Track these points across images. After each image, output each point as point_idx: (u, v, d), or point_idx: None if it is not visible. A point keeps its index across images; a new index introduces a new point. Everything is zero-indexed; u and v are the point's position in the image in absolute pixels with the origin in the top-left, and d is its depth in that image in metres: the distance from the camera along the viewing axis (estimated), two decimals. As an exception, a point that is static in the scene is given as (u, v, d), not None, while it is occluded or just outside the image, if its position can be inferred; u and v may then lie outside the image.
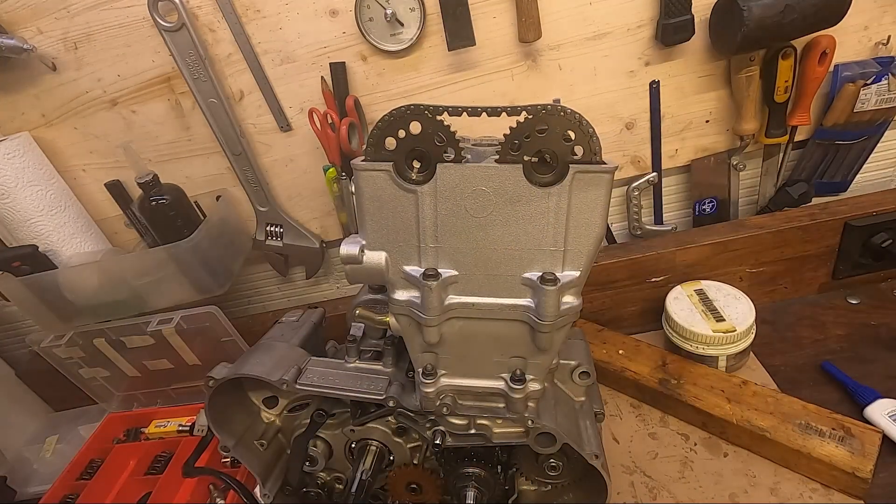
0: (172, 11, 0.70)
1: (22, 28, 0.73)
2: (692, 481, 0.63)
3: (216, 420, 0.54)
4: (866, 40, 0.76)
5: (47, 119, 0.80)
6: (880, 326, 0.76)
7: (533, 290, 0.41)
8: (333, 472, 0.62)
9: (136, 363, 0.85)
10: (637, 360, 0.74)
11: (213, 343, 0.81)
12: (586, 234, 0.39)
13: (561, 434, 0.48)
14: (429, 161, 0.39)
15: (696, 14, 0.70)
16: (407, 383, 0.52)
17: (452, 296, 0.43)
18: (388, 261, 0.42)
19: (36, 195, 0.76)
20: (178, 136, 0.81)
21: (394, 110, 0.37)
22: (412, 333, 0.45)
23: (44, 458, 0.89)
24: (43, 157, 0.79)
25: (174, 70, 0.75)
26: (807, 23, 0.66)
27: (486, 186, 0.38)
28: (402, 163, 0.39)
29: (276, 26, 0.73)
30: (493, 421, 0.50)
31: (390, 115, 0.37)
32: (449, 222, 0.40)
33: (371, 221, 0.41)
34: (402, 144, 0.38)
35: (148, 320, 0.79)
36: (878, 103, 0.75)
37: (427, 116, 0.37)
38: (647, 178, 0.84)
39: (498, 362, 0.46)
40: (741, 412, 0.64)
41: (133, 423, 0.86)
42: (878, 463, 0.56)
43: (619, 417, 0.72)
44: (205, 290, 0.77)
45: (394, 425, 0.55)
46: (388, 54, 0.75)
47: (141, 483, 0.74)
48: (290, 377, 0.50)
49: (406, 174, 0.39)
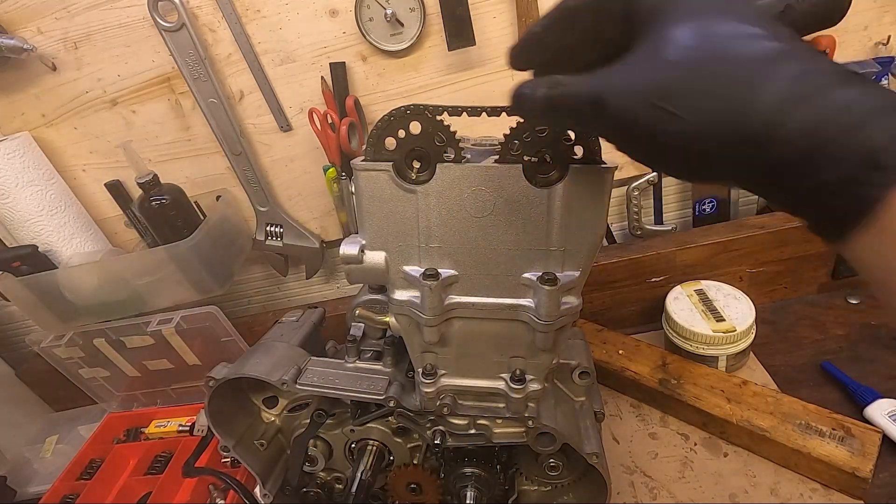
0: (172, 11, 0.70)
1: (22, 28, 0.73)
2: (692, 481, 0.63)
3: (216, 420, 0.54)
4: (866, 40, 0.76)
5: (47, 119, 0.80)
6: (880, 326, 0.76)
7: (533, 290, 0.41)
8: (333, 472, 0.62)
9: (136, 363, 0.85)
10: (637, 360, 0.74)
11: (213, 343, 0.81)
12: (586, 234, 0.39)
13: (561, 434, 0.48)
14: (428, 161, 0.39)
15: (696, 14, 0.70)
16: (407, 383, 0.52)
17: (452, 296, 0.43)
18: (387, 261, 0.42)
19: (36, 195, 0.76)
20: (178, 136, 0.82)
21: (394, 110, 0.37)
22: (412, 333, 0.45)
23: (44, 458, 0.89)
24: (43, 157, 0.79)
25: (174, 70, 0.75)
26: (806, 23, 0.66)
27: (485, 186, 0.38)
28: (402, 163, 0.39)
29: (276, 26, 0.73)
30: (493, 421, 0.50)
31: (390, 115, 0.37)
32: (449, 222, 0.40)
33: (371, 221, 0.41)
34: (402, 144, 0.38)
35: (148, 320, 0.79)
36: (878, 103, 0.75)
37: (427, 116, 0.37)
38: (647, 178, 0.84)
39: (498, 362, 0.46)
40: (741, 412, 0.64)
41: (133, 423, 0.86)
42: (878, 463, 0.56)
43: (619, 417, 0.72)
44: (205, 290, 0.77)
45: (394, 425, 0.55)
46: (388, 54, 0.75)
47: (141, 483, 0.74)
48: (289, 377, 0.50)
49: (406, 174, 0.39)
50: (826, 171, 0.21)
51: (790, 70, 0.21)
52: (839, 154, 0.20)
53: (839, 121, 0.20)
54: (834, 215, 0.22)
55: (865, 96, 0.21)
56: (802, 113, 0.21)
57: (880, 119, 0.20)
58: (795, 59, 0.22)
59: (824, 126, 0.21)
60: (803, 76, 0.21)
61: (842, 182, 0.21)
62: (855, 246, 0.22)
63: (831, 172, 0.21)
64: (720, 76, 0.22)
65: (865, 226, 0.21)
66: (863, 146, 0.20)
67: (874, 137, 0.20)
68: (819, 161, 0.21)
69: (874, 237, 0.21)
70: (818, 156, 0.21)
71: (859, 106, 0.20)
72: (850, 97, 0.21)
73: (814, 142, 0.21)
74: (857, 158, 0.20)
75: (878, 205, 0.20)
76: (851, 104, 0.21)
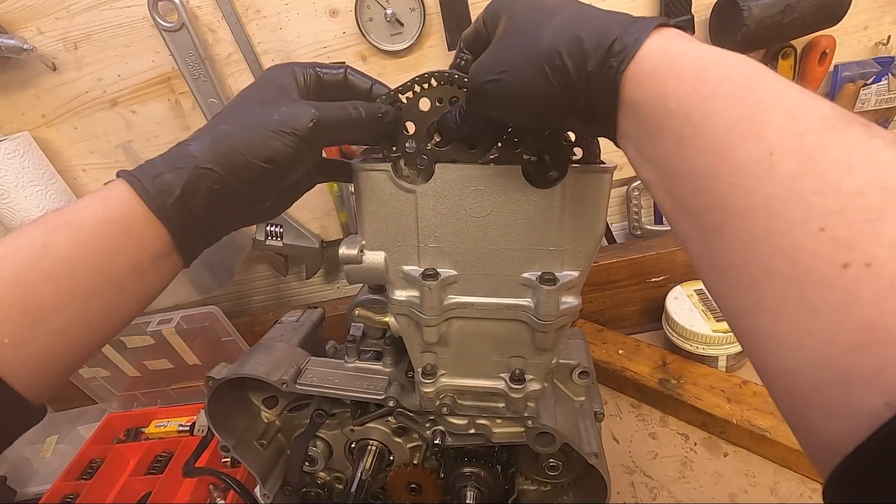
0: (172, 11, 0.70)
1: (22, 28, 0.73)
2: (692, 481, 0.63)
3: (216, 420, 0.54)
4: (866, 40, 0.76)
5: (47, 119, 0.80)
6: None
7: (532, 290, 0.41)
8: (333, 472, 0.62)
9: (136, 363, 0.86)
10: (637, 360, 0.74)
11: (213, 343, 0.81)
12: (586, 234, 0.39)
13: (560, 434, 0.48)
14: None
15: (696, 14, 0.70)
16: (406, 383, 0.52)
17: (452, 296, 0.42)
18: (387, 261, 0.42)
19: (36, 195, 0.76)
20: (178, 136, 0.80)
21: (407, 81, 0.37)
22: (411, 333, 0.45)
23: (44, 458, 0.89)
24: (43, 157, 0.79)
25: (174, 70, 0.75)
26: (807, 23, 0.66)
27: (485, 186, 0.38)
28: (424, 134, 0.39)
29: (276, 26, 0.73)
30: (492, 421, 0.50)
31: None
32: (448, 222, 0.40)
33: (370, 221, 0.41)
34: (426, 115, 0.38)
35: (148, 320, 0.79)
36: (878, 103, 0.75)
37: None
38: (647, 178, 0.84)
39: (497, 362, 0.46)
40: (741, 412, 0.64)
41: (133, 423, 0.86)
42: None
43: (619, 417, 0.72)
44: (205, 289, 0.77)
45: (393, 425, 0.55)
46: (388, 54, 0.75)
47: (141, 483, 0.74)
48: (289, 377, 0.50)
49: (404, 173, 0.39)
50: (588, 65, 0.26)
51: (567, 12, 0.28)
52: (592, 50, 0.26)
53: (593, 29, 0.26)
54: (605, 111, 0.26)
55: (617, 17, 0.26)
56: (568, 32, 0.27)
57: (623, 25, 0.25)
58: (574, 5, 0.29)
59: (584, 35, 0.26)
60: (574, 13, 0.28)
61: (598, 73, 0.26)
62: (622, 137, 0.27)
63: (590, 66, 0.26)
64: (518, 37, 0.30)
65: (622, 109, 0.26)
66: (604, 41, 0.25)
67: (612, 33, 0.25)
68: (582, 61, 0.26)
69: (628, 120, 0.26)
70: (580, 58, 0.26)
71: (611, 22, 0.26)
72: (606, 19, 0.27)
73: (576, 48, 0.26)
74: (602, 50, 0.25)
75: (621, 84, 0.25)
76: (606, 23, 0.26)
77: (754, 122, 0.20)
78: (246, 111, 0.34)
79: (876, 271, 0.17)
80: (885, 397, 0.16)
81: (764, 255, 0.20)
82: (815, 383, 0.18)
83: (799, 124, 0.20)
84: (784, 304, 0.19)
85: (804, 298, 0.18)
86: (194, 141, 0.34)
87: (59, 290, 0.31)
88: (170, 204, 0.33)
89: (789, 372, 0.19)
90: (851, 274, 0.17)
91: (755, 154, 0.20)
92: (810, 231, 0.18)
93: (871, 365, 0.16)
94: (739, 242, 0.21)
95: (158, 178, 0.32)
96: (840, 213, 0.18)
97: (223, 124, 0.34)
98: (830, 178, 0.18)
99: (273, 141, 0.33)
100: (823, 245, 0.18)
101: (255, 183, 0.34)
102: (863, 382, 0.17)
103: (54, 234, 0.31)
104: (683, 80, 0.23)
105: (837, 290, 0.17)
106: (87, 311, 0.32)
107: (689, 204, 0.23)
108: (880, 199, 0.17)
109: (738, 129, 0.21)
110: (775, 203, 0.19)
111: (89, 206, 0.32)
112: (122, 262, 0.33)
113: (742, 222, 0.20)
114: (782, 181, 0.19)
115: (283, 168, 0.34)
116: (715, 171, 0.21)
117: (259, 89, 0.36)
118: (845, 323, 0.17)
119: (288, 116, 0.33)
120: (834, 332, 0.17)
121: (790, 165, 0.19)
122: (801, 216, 0.18)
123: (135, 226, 0.33)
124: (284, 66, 0.37)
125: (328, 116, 0.34)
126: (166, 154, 0.34)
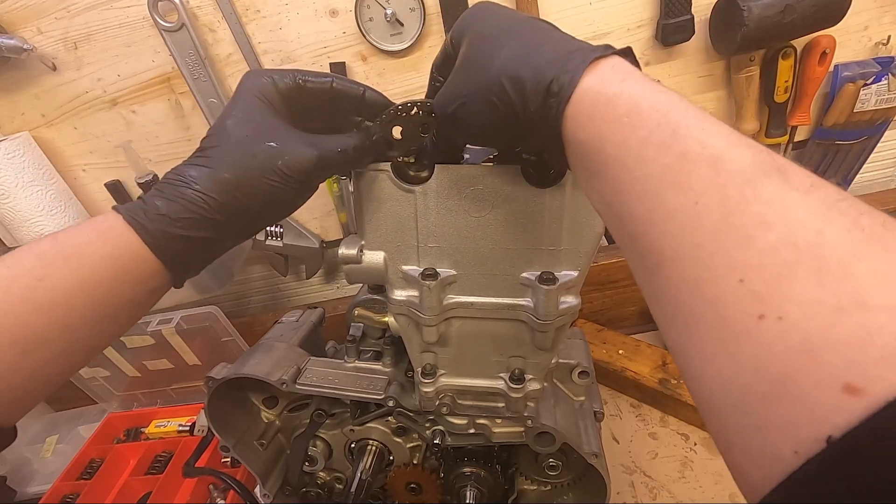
0: (172, 11, 0.70)
1: (22, 28, 0.73)
2: (692, 481, 0.62)
3: (216, 420, 0.54)
4: (866, 40, 0.76)
5: (47, 119, 0.80)
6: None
7: (531, 290, 0.41)
8: (333, 472, 0.62)
9: (136, 363, 0.86)
10: (637, 360, 0.74)
11: (213, 343, 0.81)
12: (585, 233, 0.39)
13: (560, 433, 0.48)
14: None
15: (696, 14, 0.70)
16: (406, 383, 0.52)
17: (451, 295, 0.43)
18: (386, 260, 0.42)
19: (36, 195, 0.76)
20: (178, 136, 0.82)
21: (390, 109, 0.37)
22: (411, 333, 0.45)
23: (44, 458, 0.89)
24: (43, 157, 0.79)
25: (174, 70, 0.75)
26: (807, 23, 0.66)
27: (484, 186, 0.38)
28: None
29: (276, 26, 0.73)
30: (492, 420, 0.50)
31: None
32: (447, 222, 0.40)
33: (370, 221, 0.41)
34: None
35: (148, 320, 0.79)
36: (878, 103, 0.74)
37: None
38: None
39: (497, 362, 0.46)
40: (741, 412, 0.64)
41: (133, 423, 0.86)
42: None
43: (619, 417, 0.72)
44: (205, 289, 0.77)
45: (393, 425, 0.55)
46: (388, 54, 0.75)
47: (141, 483, 0.74)
48: (289, 377, 0.50)
49: (405, 173, 0.39)
50: (531, 105, 0.26)
51: (512, 45, 0.28)
52: (532, 90, 0.26)
53: (532, 68, 0.26)
54: (554, 146, 0.26)
55: (556, 52, 0.26)
56: (512, 69, 0.27)
57: (560, 63, 0.25)
58: (520, 36, 0.28)
59: (524, 75, 0.26)
60: (518, 47, 0.28)
61: (540, 112, 0.26)
62: (573, 168, 0.27)
63: (532, 106, 0.26)
64: (471, 68, 0.30)
65: (568, 147, 0.26)
66: (542, 82, 0.25)
67: (548, 74, 0.25)
68: (525, 101, 0.26)
69: (574, 157, 0.26)
70: (523, 97, 0.26)
71: (549, 60, 0.26)
72: (546, 55, 0.26)
73: (518, 87, 0.26)
74: (542, 90, 0.25)
75: (563, 123, 0.25)
76: (545, 61, 0.26)
77: (681, 172, 0.21)
78: (244, 147, 0.33)
79: (786, 327, 0.17)
80: (794, 447, 0.17)
81: (693, 301, 0.20)
82: (737, 427, 0.19)
83: (720, 176, 0.20)
84: (711, 349, 0.20)
85: (727, 346, 0.19)
86: (196, 182, 0.32)
87: (51, 323, 0.30)
88: (175, 252, 0.33)
89: (717, 413, 0.20)
90: (766, 327, 0.18)
91: (683, 202, 0.21)
92: (732, 282, 0.19)
93: (783, 415, 0.17)
94: (673, 286, 0.21)
95: (163, 227, 0.32)
96: (757, 268, 0.18)
97: (223, 170, 0.33)
98: (749, 233, 0.19)
99: (276, 189, 0.34)
100: (743, 297, 0.18)
101: (255, 222, 0.36)
102: (776, 431, 0.17)
103: (51, 267, 0.31)
104: (617, 126, 0.23)
105: (754, 342, 0.18)
106: (76, 340, 0.32)
107: (630, 243, 0.24)
108: (792, 256, 0.18)
109: (667, 178, 0.21)
110: (701, 252, 0.20)
111: (89, 241, 0.32)
112: (120, 296, 0.33)
113: (674, 268, 0.21)
114: (707, 232, 0.20)
115: (284, 209, 0.36)
116: (650, 217, 0.22)
117: (246, 109, 0.34)
118: (761, 374, 0.18)
119: (290, 162, 0.33)
120: (753, 381, 0.18)
121: (714, 216, 0.20)
122: (724, 267, 0.19)
123: (136, 265, 0.33)
124: (261, 74, 0.36)
125: (329, 161, 0.35)
126: (167, 192, 0.33)
